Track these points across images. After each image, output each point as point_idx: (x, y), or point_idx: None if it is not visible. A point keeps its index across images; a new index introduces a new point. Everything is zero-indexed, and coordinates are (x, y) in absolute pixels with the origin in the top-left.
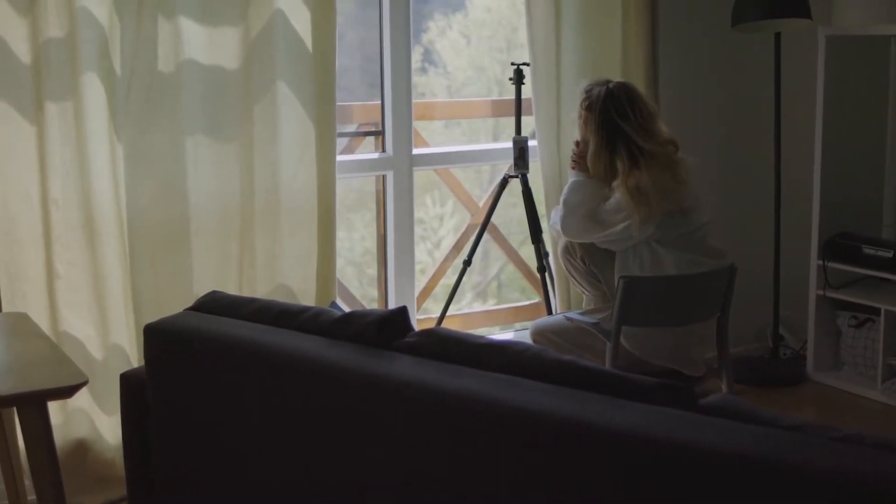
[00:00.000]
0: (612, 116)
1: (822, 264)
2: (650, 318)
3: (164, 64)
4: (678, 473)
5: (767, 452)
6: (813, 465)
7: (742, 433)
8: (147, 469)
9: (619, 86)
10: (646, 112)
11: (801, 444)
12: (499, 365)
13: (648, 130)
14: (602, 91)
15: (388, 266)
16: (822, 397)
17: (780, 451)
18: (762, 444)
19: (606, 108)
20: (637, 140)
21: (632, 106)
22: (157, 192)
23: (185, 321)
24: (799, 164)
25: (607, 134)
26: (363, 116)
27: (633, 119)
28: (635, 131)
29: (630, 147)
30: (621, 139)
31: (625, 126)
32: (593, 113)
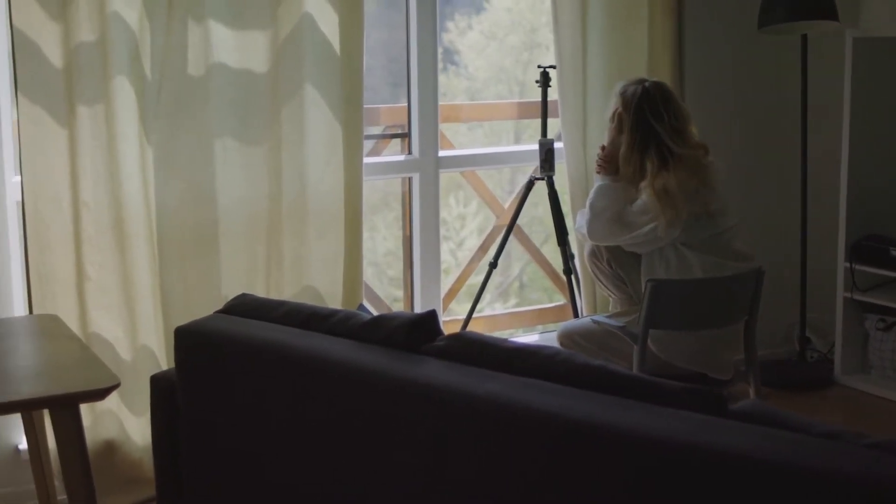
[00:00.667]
0: (646, 116)
1: (849, 266)
2: (677, 321)
3: (193, 67)
4: (708, 479)
5: (799, 459)
6: (847, 473)
7: (773, 439)
8: (176, 470)
9: (654, 85)
10: (679, 114)
11: (834, 452)
12: (528, 369)
13: (680, 133)
14: (638, 90)
15: (413, 267)
16: (849, 401)
17: (813, 459)
18: (794, 450)
19: (641, 107)
20: (668, 142)
21: (666, 107)
22: (185, 194)
23: (215, 324)
24: (826, 166)
25: (640, 135)
26: (390, 118)
27: (667, 120)
28: (667, 133)
29: (661, 149)
30: (653, 140)
31: (658, 127)
32: (628, 113)
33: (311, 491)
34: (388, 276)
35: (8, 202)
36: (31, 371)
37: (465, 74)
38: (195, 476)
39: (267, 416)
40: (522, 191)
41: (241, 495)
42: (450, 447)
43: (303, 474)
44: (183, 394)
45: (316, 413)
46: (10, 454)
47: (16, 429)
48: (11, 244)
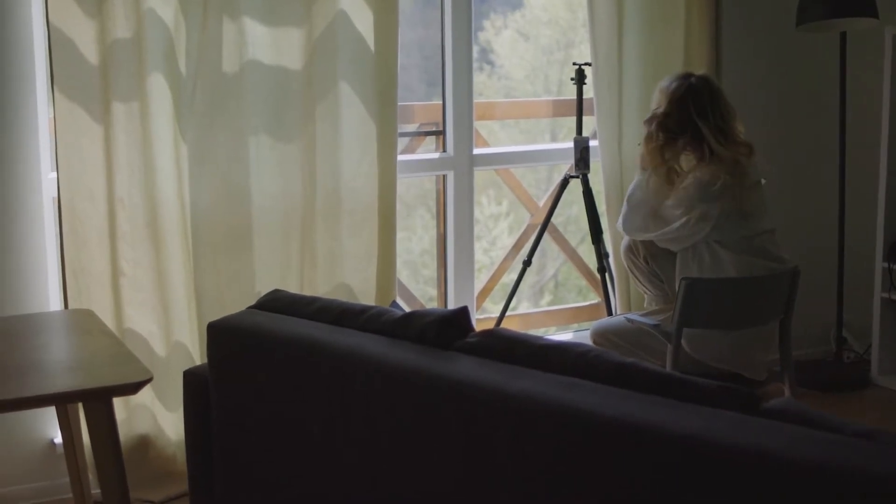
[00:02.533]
0: (689, 112)
1: (887, 267)
2: (711, 320)
3: (228, 64)
4: (741, 477)
5: (833, 459)
6: (881, 473)
7: (808, 439)
8: (208, 465)
9: (701, 80)
10: (726, 112)
11: (868, 452)
12: (560, 366)
13: (725, 132)
14: (683, 86)
15: (447, 266)
16: (887, 402)
17: (847, 458)
18: (829, 450)
19: (686, 103)
20: (711, 141)
21: (713, 104)
22: (220, 191)
23: (248, 319)
24: (864, 165)
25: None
26: (424, 116)
27: (713, 119)
28: (712, 132)
29: (700, 144)
30: (694, 136)
31: (703, 125)
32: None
33: (344, 487)
34: (423, 276)
35: (44, 198)
36: (65, 365)
37: (501, 73)
38: (227, 471)
39: (298, 412)
40: (557, 189)
41: (274, 491)
42: (482, 444)
43: (335, 471)
44: (215, 389)
45: (347, 409)
46: (45, 448)
47: (51, 423)
48: (48, 240)
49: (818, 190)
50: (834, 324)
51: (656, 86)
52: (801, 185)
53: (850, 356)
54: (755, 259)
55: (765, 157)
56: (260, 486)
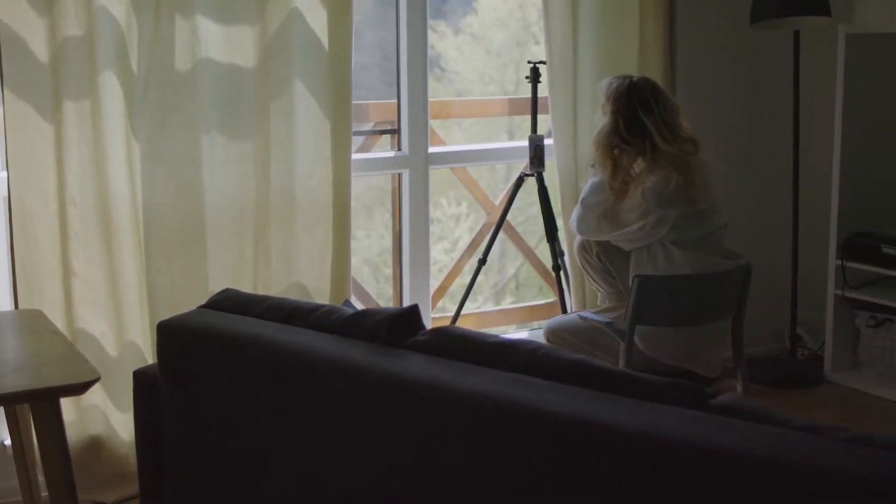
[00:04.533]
0: (635, 108)
1: (840, 264)
2: (664, 317)
3: (180, 62)
4: (689, 473)
5: (779, 453)
6: (823, 466)
7: (753, 433)
8: (159, 466)
9: (642, 79)
10: (669, 106)
11: (812, 445)
12: (510, 364)
13: (670, 125)
14: (625, 83)
15: (402, 264)
16: (839, 398)
17: (792, 452)
18: (773, 444)
19: (630, 100)
20: (656, 136)
21: (655, 99)
22: (173, 190)
23: (198, 318)
24: (818, 162)
25: (626, 126)
26: (379, 115)
27: (657, 112)
28: (657, 125)
29: (645, 144)
30: (639, 134)
31: (647, 119)
32: (615, 104)
33: (295, 486)
34: (383, 275)
35: None
36: (12, 366)
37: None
38: (179, 471)
39: (249, 411)
40: (512, 187)
41: (225, 491)
42: (432, 441)
43: (286, 469)
44: (166, 389)
45: (298, 407)
46: None
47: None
48: None
49: (772, 187)
50: (788, 321)
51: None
52: (756, 182)
53: (804, 353)
54: (709, 256)
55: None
56: (212, 486)
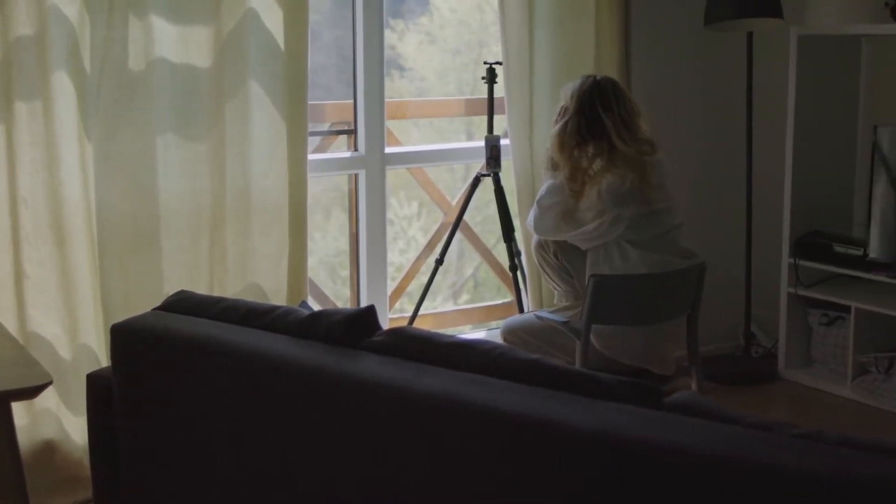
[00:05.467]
0: (595, 107)
1: (793, 262)
2: (620, 316)
3: (134, 62)
4: (643, 471)
5: (731, 450)
6: (775, 462)
7: (707, 431)
8: (113, 470)
9: (605, 79)
10: (629, 107)
11: (764, 442)
12: (465, 364)
13: (629, 126)
14: (588, 81)
15: (360, 265)
16: (793, 395)
17: (744, 449)
18: (726, 441)
19: (592, 98)
20: (614, 137)
21: (617, 99)
22: (127, 191)
23: (152, 321)
24: (771, 162)
25: (586, 125)
26: (336, 115)
27: (616, 112)
28: (615, 126)
29: (603, 144)
30: (598, 133)
31: (606, 118)
32: (577, 103)
33: (251, 488)
34: (341, 276)
35: None
36: None
37: (413, 76)
38: (132, 475)
39: (204, 414)
40: (469, 188)
41: (180, 493)
42: (388, 442)
43: (242, 471)
44: (119, 392)
45: (254, 409)
46: None
47: None
48: None
49: (726, 187)
50: (742, 319)
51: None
52: (710, 182)
53: (759, 351)
54: (664, 256)
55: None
56: (166, 489)
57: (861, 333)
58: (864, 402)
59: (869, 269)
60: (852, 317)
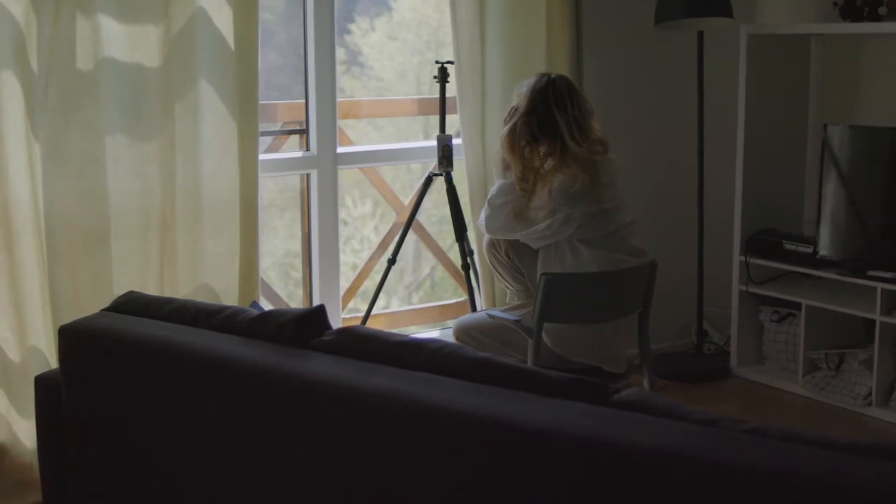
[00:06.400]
0: (549, 105)
1: (744, 260)
2: (571, 314)
3: (82, 62)
4: (591, 467)
5: (678, 445)
6: (721, 457)
7: (654, 427)
8: (62, 473)
9: (561, 77)
10: (583, 107)
11: (709, 437)
12: (415, 363)
13: (582, 125)
14: (543, 80)
15: (312, 265)
16: (744, 392)
17: (691, 445)
18: (674, 437)
19: (546, 96)
20: (566, 136)
21: (571, 98)
22: (75, 192)
23: (101, 322)
24: (722, 161)
25: (539, 123)
26: (288, 115)
27: (570, 111)
28: (568, 125)
29: (555, 144)
30: (551, 132)
31: (560, 118)
32: (531, 101)
33: (200, 489)
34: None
35: None
36: None
37: (372, 75)
38: (82, 478)
39: (153, 415)
40: (421, 187)
41: (129, 494)
42: (338, 441)
43: (191, 472)
44: (68, 394)
45: (203, 410)
46: None
47: None
48: None
49: (678, 186)
50: (695, 317)
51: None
52: (661, 180)
53: (711, 348)
54: (615, 254)
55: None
56: (115, 490)
57: (811, 330)
58: (815, 398)
59: (819, 267)
60: (803, 314)
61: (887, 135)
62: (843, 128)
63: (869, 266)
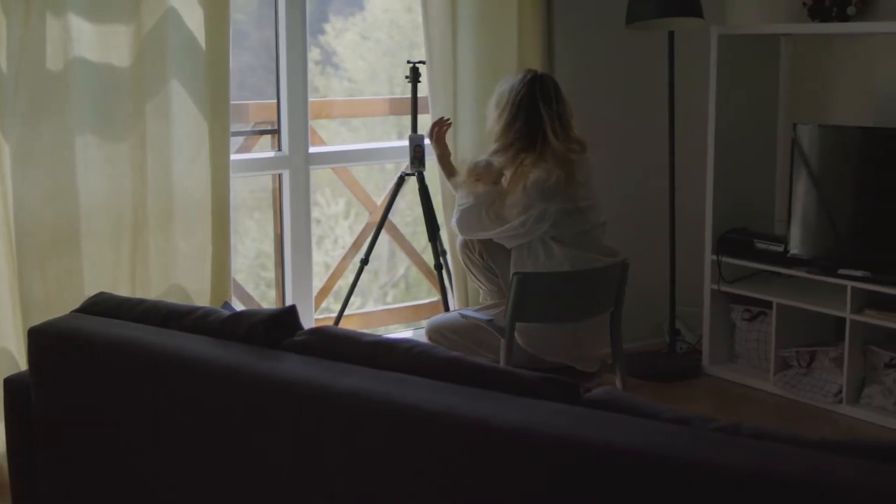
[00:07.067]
0: (536, 98)
1: (716, 259)
2: (543, 314)
3: (52, 62)
4: (562, 466)
5: (648, 444)
6: (691, 455)
7: (625, 425)
8: (32, 475)
9: (547, 75)
10: (566, 106)
11: (680, 436)
12: (387, 363)
13: (564, 124)
14: (528, 75)
15: (284, 265)
16: (717, 390)
17: (661, 443)
18: (644, 435)
19: (533, 89)
20: (549, 131)
21: (557, 95)
22: (46, 192)
23: (71, 323)
24: (693, 160)
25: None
26: (260, 115)
27: (555, 107)
28: (551, 120)
29: (535, 139)
30: (533, 126)
31: (545, 112)
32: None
33: (173, 490)
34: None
35: None
36: None
37: (345, 76)
38: (52, 481)
39: (124, 417)
40: (393, 187)
41: (100, 497)
42: (311, 441)
43: (164, 474)
44: (37, 396)
45: (174, 411)
46: None
47: None
48: None
49: (649, 185)
50: (667, 316)
51: (497, 86)
52: (633, 180)
53: (683, 347)
54: (587, 253)
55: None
56: (86, 493)
57: (783, 328)
58: (787, 395)
59: (790, 266)
60: (774, 312)
61: (857, 134)
62: (812, 127)
63: (839, 264)
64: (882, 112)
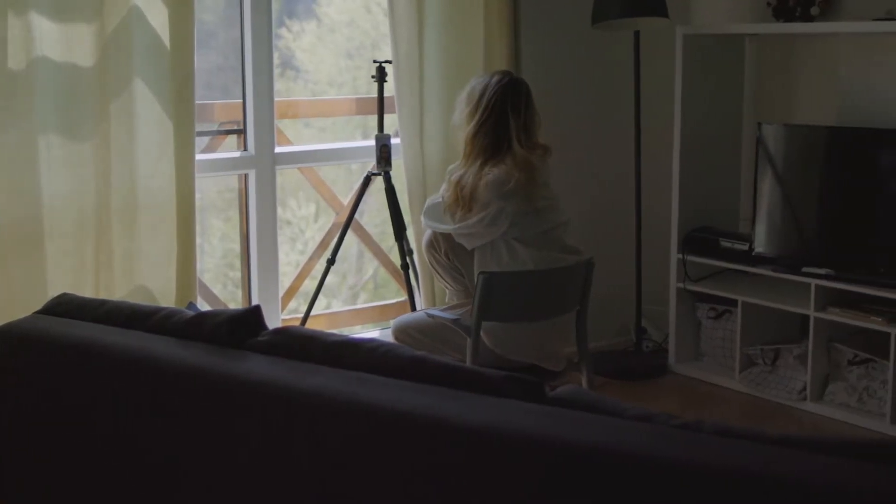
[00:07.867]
0: (506, 105)
1: (681, 258)
2: (509, 313)
3: (14, 61)
4: (526, 464)
5: (611, 441)
6: (653, 452)
7: (588, 423)
8: None
9: (522, 81)
10: (534, 115)
11: (643, 433)
12: (351, 362)
13: (528, 132)
14: (505, 79)
15: (250, 266)
16: (683, 388)
17: (625, 440)
18: (607, 433)
19: (505, 95)
20: (514, 139)
21: (527, 104)
22: (8, 192)
23: (33, 324)
24: (659, 159)
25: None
26: (225, 115)
27: (522, 118)
28: (517, 129)
29: (500, 142)
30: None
31: (512, 120)
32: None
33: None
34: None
35: None
36: None
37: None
38: (14, 483)
39: (87, 418)
40: (360, 187)
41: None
42: (275, 442)
43: (128, 475)
44: None
45: (138, 413)
46: None
47: None
48: None
49: (615, 184)
50: (634, 315)
51: (468, 83)
52: (599, 179)
53: (649, 345)
54: (551, 252)
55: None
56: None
57: (748, 326)
58: (752, 393)
59: (755, 264)
60: (739, 310)
61: (821, 133)
62: (777, 126)
63: (803, 263)
64: (845, 111)
